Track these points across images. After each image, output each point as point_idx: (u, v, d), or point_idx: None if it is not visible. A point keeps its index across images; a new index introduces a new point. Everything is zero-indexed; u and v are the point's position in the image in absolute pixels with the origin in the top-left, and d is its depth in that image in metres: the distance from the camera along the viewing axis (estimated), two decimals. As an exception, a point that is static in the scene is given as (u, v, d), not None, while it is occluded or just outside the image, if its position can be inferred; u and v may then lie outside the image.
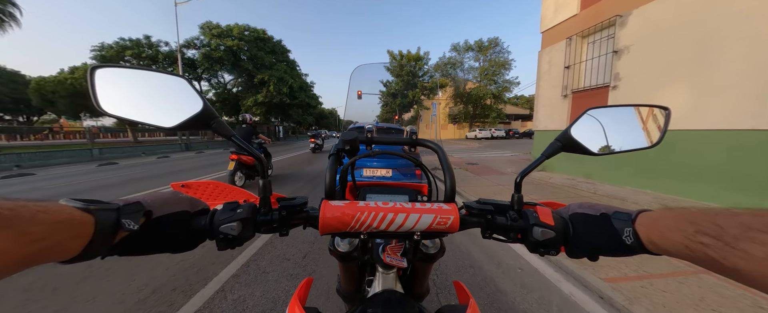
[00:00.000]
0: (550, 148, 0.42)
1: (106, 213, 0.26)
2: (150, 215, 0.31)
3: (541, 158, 0.41)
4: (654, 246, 0.28)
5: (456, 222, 0.37)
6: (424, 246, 0.49)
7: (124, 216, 0.28)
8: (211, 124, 0.35)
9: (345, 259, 0.50)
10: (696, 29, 3.64)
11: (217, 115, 0.36)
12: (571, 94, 5.66)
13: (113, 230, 0.27)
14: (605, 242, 0.33)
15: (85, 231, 0.24)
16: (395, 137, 0.58)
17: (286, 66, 23.91)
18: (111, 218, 0.27)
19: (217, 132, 0.37)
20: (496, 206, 0.41)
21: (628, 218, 0.31)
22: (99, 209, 0.26)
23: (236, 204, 0.37)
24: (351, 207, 0.37)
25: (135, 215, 0.29)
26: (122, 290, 1.72)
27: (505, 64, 27.86)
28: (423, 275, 0.61)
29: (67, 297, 1.65)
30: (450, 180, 0.47)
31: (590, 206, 0.37)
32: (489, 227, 0.41)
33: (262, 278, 1.92)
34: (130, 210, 0.29)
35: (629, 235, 0.30)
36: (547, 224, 0.36)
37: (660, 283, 1.91)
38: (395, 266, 0.49)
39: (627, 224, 0.31)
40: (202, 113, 0.35)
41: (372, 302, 0.41)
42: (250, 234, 0.37)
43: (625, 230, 0.31)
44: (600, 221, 0.34)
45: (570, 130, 0.42)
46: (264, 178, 0.39)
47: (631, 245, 0.30)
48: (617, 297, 1.76)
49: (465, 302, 0.49)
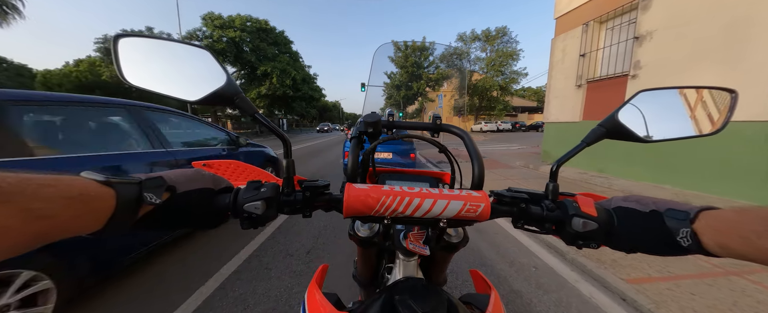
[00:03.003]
0: (593, 134, 0.39)
1: (127, 187, 0.26)
2: (173, 190, 0.31)
3: (582, 144, 0.38)
4: (723, 250, 0.25)
5: (487, 210, 0.35)
6: (447, 235, 0.47)
7: (147, 190, 0.28)
8: (235, 100, 0.35)
9: (365, 244, 0.49)
10: (726, 14, 3.36)
11: (241, 91, 0.35)
12: (586, 84, 5.39)
13: (136, 204, 0.27)
14: (654, 241, 0.31)
15: (105, 205, 0.24)
16: (417, 123, 0.55)
17: (288, 58, 23.60)
18: (133, 192, 0.27)
19: (240, 108, 0.36)
20: (530, 194, 0.39)
21: (685, 218, 0.28)
22: (120, 183, 0.26)
23: (260, 183, 0.36)
24: (376, 190, 0.35)
25: (158, 189, 0.29)
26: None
27: (513, 55, 27.07)
28: (443, 265, 0.59)
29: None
30: (478, 167, 0.45)
31: (638, 200, 0.34)
32: (521, 217, 0.38)
33: (264, 274, 1.84)
34: (152, 184, 0.28)
35: (686, 236, 0.28)
36: (589, 214, 0.34)
37: (687, 285, 1.79)
38: (418, 253, 0.47)
39: (684, 225, 0.28)
40: (225, 88, 0.34)
41: (397, 289, 0.39)
42: (273, 214, 0.36)
43: (681, 231, 0.28)
44: (650, 219, 0.31)
45: (617, 114, 0.38)
46: (288, 158, 0.38)
47: (687, 247, 0.28)
48: (642, 300, 1.64)
49: (485, 292, 0.48)
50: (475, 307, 0.46)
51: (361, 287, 0.70)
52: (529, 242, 2.46)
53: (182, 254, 2.08)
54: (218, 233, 2.44)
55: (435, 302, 0.35)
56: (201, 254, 2.11)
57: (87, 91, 19.60)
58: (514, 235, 2.61)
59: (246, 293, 1.64)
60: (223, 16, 20.23)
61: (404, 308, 0.34)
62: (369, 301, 0.40)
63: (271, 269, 1.91)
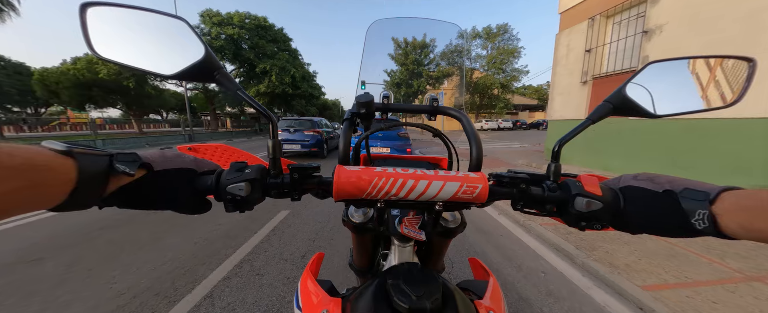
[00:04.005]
0: (599, 110, 0.37)
1: (91, 158, 0.25)
2: (150, 168, 0.29)
3: (587, 122, 0.37)
4: (747, 231, 0.24)
5: (484, 192, 0.33)
6: (443, 220, 0.46)
7: (118, 162, 0.26)
8: (215, 74, 0.33)
9: (359, 230, 0.49)
10: (742, 6, 3.21)
11: (222, 65, 0.34)
12: (592, 80, 5.25)
13: (104, 176, 0.25)
14: (666, 223, 0.29)
15: (64, 177, 0.22)
16: (413, 105, 0.54)
17: (288, 55, 23.39)
18: (99, 164, 0.25)
19: (220, 84, 0.34)
20: (531, 175, 0.37)
21: (704, 198, 0.27)
22: (82, 153, 0.24)
23: (244, 164, 0.34)
24: (368, 172, 0.34)
25: (131, 164, 0.27)
26: (98, 295, 1.55)
27: (514, 52, 26.83)
28: (440, 251, 0.58)
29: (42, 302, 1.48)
30: (476, 149, 0.44)
31: (650, 179, 0.32)
32: (521, 198, 0.37)
33: (256, 281, 1.73)
34: (125, 158, 0.27)
35: (703, 218, 0.26)
36: (593, 194, 0.32)
37: (707, 292, 1.67)
38: (413, 238, 0.46)
39: (701, 206, 0.26)
40: (204, 61, 0.32)
41: (392, 274, 0.37)
42: (259, 196, 0.34)
43: (697, 212, 0.26)
44: (663, 199, 0.29)
45: (625, 88, 0.37)
46: (274, 138, 0.36)
47: (701, 229, 0.26)
48: (661, 309, 1.52)
49: (484, 278, 0.48)
50: (472, 293, 0.44)
51: (357, 275, 0.68)
52: (536, 245, 2.34)
53: (173, 254, 1.99)
54: (208, 236, 2.35)
55: (430, 286, 0.34)
56: (189, 257, 1.99)
57: (85, 89, 19.45)
58: (520, 237, 2.50)
59: (235, 302, 1.52)
60: (221, 13, 20.01)
61: (397, 293, 0.32)
62: (362, 286, 0.38)
63: (263, 275, 1.80)
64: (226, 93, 23.95)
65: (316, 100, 30.73)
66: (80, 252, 2.07)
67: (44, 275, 1.75)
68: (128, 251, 2.08)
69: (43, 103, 26.70)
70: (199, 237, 2.34)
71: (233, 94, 0.35)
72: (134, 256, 2.00)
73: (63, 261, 1.92)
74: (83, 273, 1.77)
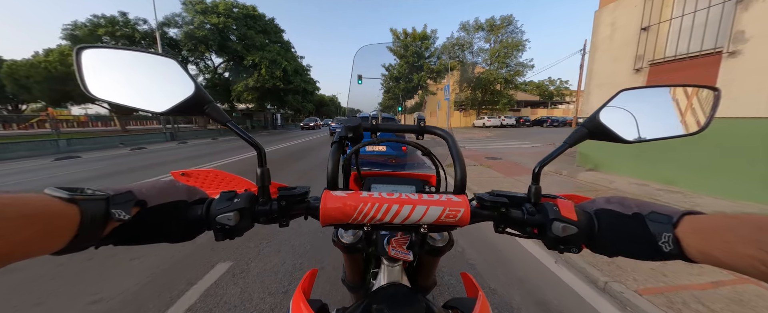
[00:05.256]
0: (575, 135, 0.39)
1: (92, 203, 0.25)
2: (144, 204, 0.30)
3: (564, 145, 0.38)
4: (704, 256, 0.25)
5: (466, 215, 0.35)
6: (431, 239, 0.48)
7: (115, 206, 0.27)
8: (205, 109, 0.35)
9: (349, 250, 0.50)
10: None
11: (211, 99, 0.35)
12: (649, 66, 4.09)
13: (103, 220, 0.26)
14: (636, 246, 0.30)
15: (69, 223, 0.23)
16: (401, 125, 0.57)
17: (279, 47, 21.95)
18: (99, 209, 0.25)
19: (211, 117, 0.35)
20: (511, 198, 0.39)
21: (668, 222, 0.28)
22: (85, 199, 0.25)
23: (234, 193, 0.35)
24: (353, 198, 0.34)
25: (126, 204, 0.28)
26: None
27: (519, 45, 25.56)
28: (429, 269, 0.59)
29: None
30: (460, 171, 0.45)
31: (620, 202, 0.33)
32: (502, 221, 0.38)
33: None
34: (120, 200, 0.27)
35: (668, 241, 0.27)
36: (568, 218, 0.33)
37: None
38: (401, 259, 0.47)
39: (666, 228, 0.27)
40: (194, 97, 0.34)
41: (377, 297, 0.38)
42: (248, 224, 0.35)
43: (663, 235, 0.27)
44: (631, 222, 0.30)
45: (599, 114, 0.38)
46: (262, 167, 0.37)
47: (668, 252, 0.27)
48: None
49: (473, 295, 0.47)
50: (460, 311, 0.43)
51: (350, 291, 0.69)
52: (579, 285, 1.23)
53: (128, 285, 1.55)
54: (171, 260, 1.83)
55: (413, 309, 0.35)
56: (150, 286, 1.55)
57: (58, 83, 17.97)
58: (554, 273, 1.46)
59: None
60: (206, 1, 18.50)
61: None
62: (350, 309, 0.39)
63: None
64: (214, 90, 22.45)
65: (311, 95, 29.33)
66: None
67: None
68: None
69: (24, 100, 24.96)
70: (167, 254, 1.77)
71: (223, 126, 0.35)
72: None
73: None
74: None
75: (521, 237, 0.37)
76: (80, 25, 16.38)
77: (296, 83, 22.78)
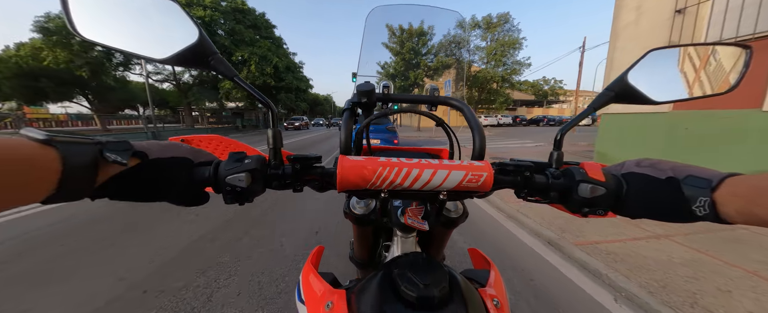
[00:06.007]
0: (600, 98, 0.38)
1: (76, 147, 0.23)
2: (144, 156, 0.28)
3: (588, 109, 0.38)
4: (747, 216, 0.24)
5: (489, 180, 0.33)
6: (446, 210, 0.46)
7: (109, 152, 0.25)
8: (210, 60, 0.32)
9: (361, 222, 0.49)
10: None
11: (216, 51, 0.33)
12: (686, 54, 3.59)
13: (92, 167, 0.24)
14: (667, 209, 0.29)
15: (48, 168, 0.21)
16: (414, 96, 0.56)
17: (270, 43, 21.04)
18: (86, 153, 0.23)
19: (216, 70, 0.33)
20: (535, 163, 0.37)
21: (706, 186, 0.27)
22: (65, 142, 0.23)
23: (243, 155, 0.32)
24: (372, 162, 0.32)
25: (123, 153, 0.26)
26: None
27: (515, 43, 25.25)
28: (441, 241, 0.58)
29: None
30: (479, 139, 0.45)
31: (653, 165, 0.32)
32: (525, 186, 0.36)
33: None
34: (116, 147, 0.26)
35: (703, 205, 0.26)
36: (596, 180, 0.32)
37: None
38: (416, 228, 0.45)
39: (703, 193, 0.26)
40: (198, 45, 0.31)
41: (397, 263, 0.36)
42: (259, 188, 0.33)
43: (699, 199, 0.26)
44: (664, 186, 0.29)
45: (627, 75, 0.37)
46: (274, 128, 0.34)
47: (702, 216, 0.27)
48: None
49: (485, 268, 0.48)
50: (476, 282, 0.43)
51: (358, 268, 0.68)
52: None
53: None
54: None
55: (436, 275, 0.33)
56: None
57: (31, 79, 16.76)
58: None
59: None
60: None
61: (405, 282, 0.32)
62: (368, 277, 0.37)
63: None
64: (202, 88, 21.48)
65: (304, 93, 28.41)
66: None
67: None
68: None
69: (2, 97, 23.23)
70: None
71: (231, 80, 0.34)
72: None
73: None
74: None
75: (541, 203, 0.37)
76: (53, 17, 15.27)
77: (288, 81, 21.90)
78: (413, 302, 0.30)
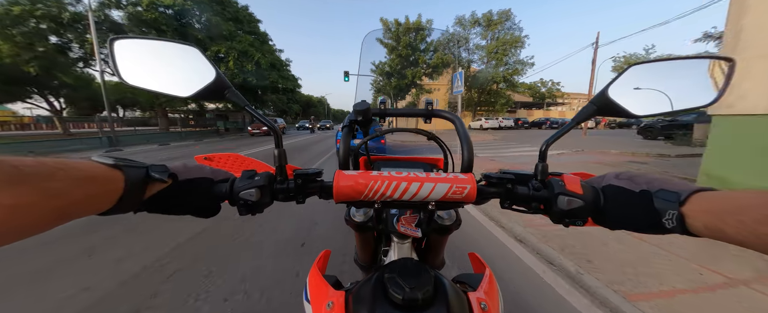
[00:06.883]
0: (583, 111, 0.40)
1: (135, 170, 0.29)
2: (175, 177, 0.33)
3: (572, 122, 0.40)
4: (710, 232, 0.26)
5: (473, 192, 0.36)
6: (439, 217, 0.49)
7: (154, 172, 0.30)
8: (225, 93, 0.38)
9: (360, 229, 0.53)
10: None
11: (230, 85, 0.38)
12: None
13: (143, 185, 0.29)
14: (640, 221, 0.31)
15: (115, 186, 0.27)
16: (409, 109, 0.61)
17: (254, 39, 19.14)
18: (140, 174, 0.29)
19: (231, 101, 0.38)
20: (518, 175, 0.40)
21: (675, 200, 0.28)
22: (128, 166, 0.28)
23: (254, 172, 0.38)
24: (364, 176, 0.37)
25: (163, 173, 0.31)
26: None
27: (517, 42, 23.94)
28: (438, 247, 0.63)
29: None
30: (468, 151, 0.48)
31: (631, 178, 0.34)
32: (508, 197, 0.39)
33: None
34: (158, 169, 0.31)
35: (671, 218, 0.28)
36: (574, 192, 0.34)
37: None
38: (409, 235, 0.50)
39: (672, 206, 0.28)
40: (215, 83, 0.37)
41: (389, 268, 0.39)
42: (267, 201, 0.38)
43: (667, 212, 0.28)
44: (638, 199, 0.31)
45: (607, 90, 0.38)
46: (279, 147, 0.40)
47: (670, 228, 0.28)
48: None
49: (480, 272, 0.49)
50: (467, 285, 0.46)
51: (361, 270, 0.73)
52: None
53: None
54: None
55: (421, 279, 0.36)
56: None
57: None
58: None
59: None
60: (159, -21, 15.51)
61: (393, 285, 0.35)
62: (363, 280, 0.41)
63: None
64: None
65: (293, 93, 26.40)
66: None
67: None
68: None
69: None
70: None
71: (243, 109, 0.38)
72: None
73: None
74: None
75: (527, 213, 0.39)
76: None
77: (272, 79, 19.89)
78: (399, 304, 0.33)
